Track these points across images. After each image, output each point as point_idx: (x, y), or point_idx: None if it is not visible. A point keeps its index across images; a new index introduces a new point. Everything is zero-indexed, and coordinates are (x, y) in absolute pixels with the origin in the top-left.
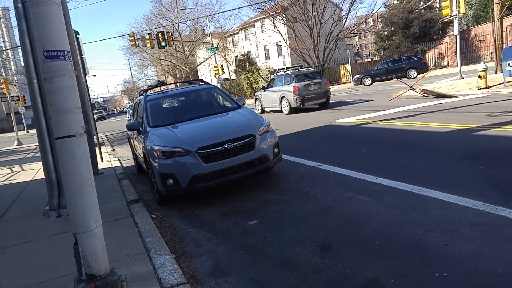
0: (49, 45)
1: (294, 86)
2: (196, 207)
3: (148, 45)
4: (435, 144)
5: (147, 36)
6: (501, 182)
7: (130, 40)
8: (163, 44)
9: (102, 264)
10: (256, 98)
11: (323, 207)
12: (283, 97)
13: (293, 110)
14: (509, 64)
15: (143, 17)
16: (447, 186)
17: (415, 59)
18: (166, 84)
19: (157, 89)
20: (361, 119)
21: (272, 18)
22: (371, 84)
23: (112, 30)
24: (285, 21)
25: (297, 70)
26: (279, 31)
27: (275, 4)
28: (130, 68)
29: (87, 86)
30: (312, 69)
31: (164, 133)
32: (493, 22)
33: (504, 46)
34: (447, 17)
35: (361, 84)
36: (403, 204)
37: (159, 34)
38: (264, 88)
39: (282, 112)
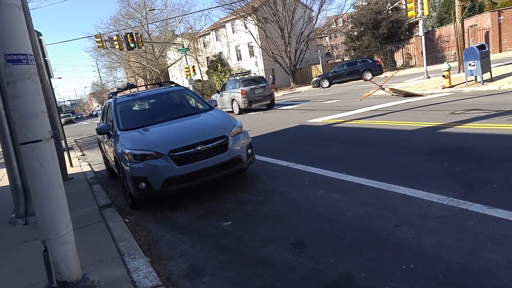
0: (11, 49)
1: (242, 89)
2: (170, 210)
3: (117, 46)
4: (403, 142)
5: (115, 37)
6: (463, 177)
7: (97, 41)
8: (132, 45)
9: (74, 270)
10: None
11: (297, 205)
12: (233, 99)
13: (242, 111)
14: (470, 64)
15: (110, 18)
16: (414, 182)
17: (370, 61)
18: (135, 86)
19: (127, 92)
20: (332, 119)
21: (242, 19)
22: (329, 86)
23: (78, 31)
24: (256, 22)
25: (245, 76)
26: (250, 31)
27: (246, 5)
28: (99, 70)
29: (52, 89)
30: (257, 75)
31: (135, 136)
32: (455, 24)
33: (466, 46)
34: (412, 18)
35: (319, 86)
36: (373, 200)
37: (128, 35)
38: (218, 92)
39: (233, 112)
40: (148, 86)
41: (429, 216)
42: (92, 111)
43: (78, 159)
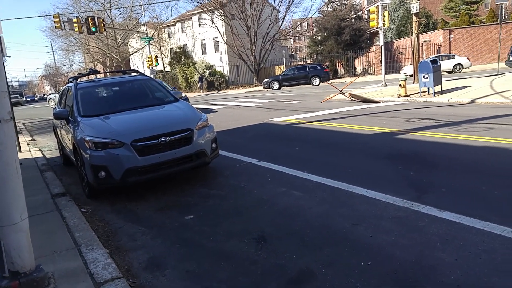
0: None
1: None
2: (129, 201)
3: (76, 29)
4: (361, 145)
5: (74, 19)
6: (416, 180)
7: (54, 21)
8: (93, 29)
9: (27, 260)
10: None
11: (259, 201)
12: None
13: None
14: (424, 76)
15: None
16: (372, 183)
17: (319, 67)
18: (98, 72)
19: (90, 77)
20: (294, 119)
21: (210, 13)
22: (279, 88)
23: (32, 8)
24: (223, 18)
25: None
26: (216, 26)
27: (213, 0)
28: (53, 51)
29: (4, 68)
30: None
31: (97, 124)
32: (412, 38)
33: (421, 59)
34: (374, 28)
35: (269, 87)
36: (332, 199)
37: (89, 18)
38: None
39: None
40: (108, 73)
41: (385, 216)
42: (43, 94)
43: (28, 144)
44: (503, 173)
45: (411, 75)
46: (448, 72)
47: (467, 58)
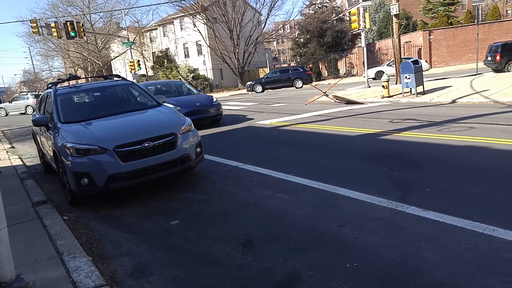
0: None
1: None
2: (113, 208)
3: (55, 34)
4: (346, 147)
5: (53, 24)
6: (401, 181)
7: (32, 26)
8: (72, 34)
9: (7, 270)
10: None
11: (245, 205)
12: None
13: None
14: (406, 77)
15: (47, 3)
16: (357, 184)
17: (301, 70)
18: (78, 78)
19: (72, 83)
20: (280, 122)
21: (191, 17)
22: (262, 91)
23: (8, 13)
24: (205, 21)
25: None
26: (198, 30)
27: (195, 3)
28: (31, 57)
29: None
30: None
31: (78, 130)
32: (393, 39)
33: (402, 60)
34: (355, 30)
35: (252, 90)
36: (318, 201)
37: (68, 23)
38: None
39: None
40: (89, 79)
41: (371, 217)
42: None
43: (7, 151)
44: (484, 171)
45: (374, 78)
46: None
47: (426, 61)
